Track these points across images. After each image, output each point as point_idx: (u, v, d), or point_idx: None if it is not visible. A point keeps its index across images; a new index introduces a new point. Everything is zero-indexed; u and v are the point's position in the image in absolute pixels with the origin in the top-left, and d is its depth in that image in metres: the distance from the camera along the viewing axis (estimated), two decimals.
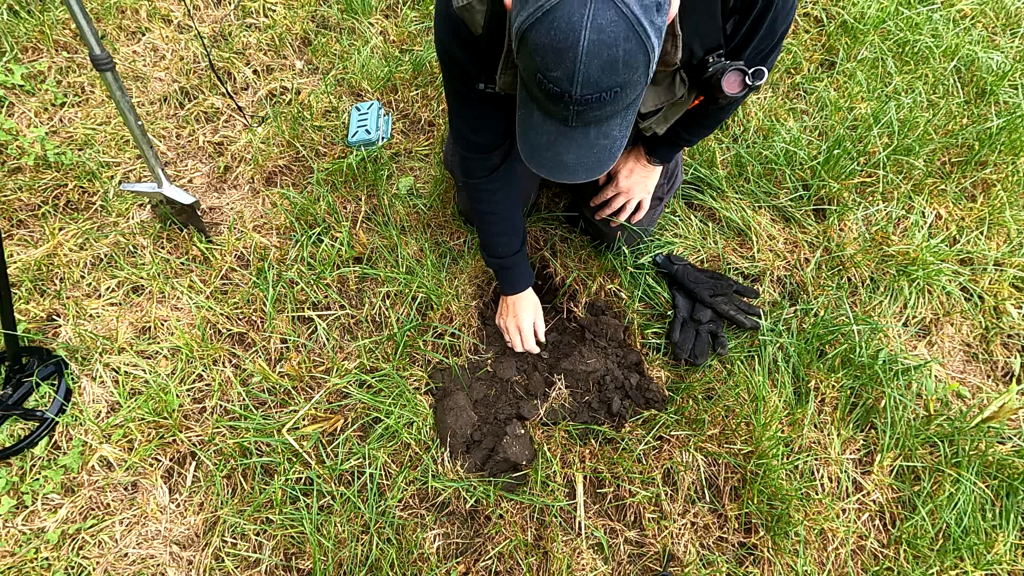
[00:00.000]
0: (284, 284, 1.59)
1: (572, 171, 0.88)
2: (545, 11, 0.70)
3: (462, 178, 1.37)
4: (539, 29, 0.71)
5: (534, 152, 0.89)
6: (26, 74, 1.96)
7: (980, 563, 1.28)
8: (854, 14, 2.18)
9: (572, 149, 0.85)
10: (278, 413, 1.43)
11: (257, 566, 1.29)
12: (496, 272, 1.50)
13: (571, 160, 0.86)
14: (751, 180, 1.79)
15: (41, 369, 1.44)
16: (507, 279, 1.49)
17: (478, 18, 0.95)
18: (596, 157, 0.86)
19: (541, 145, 0.87)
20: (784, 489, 1.32)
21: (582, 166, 0.88)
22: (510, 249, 1.44)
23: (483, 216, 1.41)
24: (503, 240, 1.43)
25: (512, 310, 1.51)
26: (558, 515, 1.32)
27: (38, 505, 1.33)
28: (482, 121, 1.21)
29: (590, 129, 0.81)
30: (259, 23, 2.16)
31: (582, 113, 0.77)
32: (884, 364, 1.47)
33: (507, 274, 1.48)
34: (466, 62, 1.04)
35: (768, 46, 1.05)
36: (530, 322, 1.50)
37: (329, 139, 1.91)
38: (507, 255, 1.44)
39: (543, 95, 0.77)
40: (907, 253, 1.66)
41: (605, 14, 0.68)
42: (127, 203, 1.75)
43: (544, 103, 0.79)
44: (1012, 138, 1.86)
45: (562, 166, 0.88)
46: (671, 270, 1.59)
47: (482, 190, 1.34)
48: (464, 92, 1.12)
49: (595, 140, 0.83)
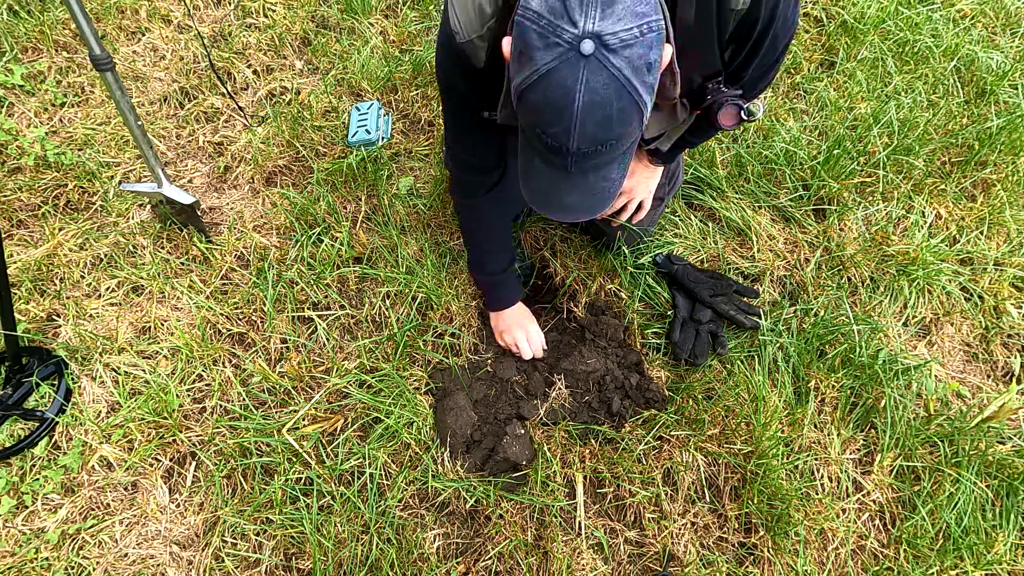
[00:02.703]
0: (284, 284, 1.59)
1: (574, 211, 0.92)
2: (541, 74, 0.74)
3: (457, 197, 1.40)
4: (536, 90, 0.75)
5: (536, 195, 0.92)
6: (26, 74, 1.96)
7: (980, 563, 1.28)
8: (854, 14, 2.18)
9: (573, 193, 0.88)
10: (278, 413, 1.43)
11: (257, 566, 1.29)
12: (485, 289, 1.54)
13: (572, 202, 0.90)
14: (751, 180, 1.79)
15: (41, 369, 1.44)
16: (495, 295, 1.52)
17: (480, 54, 0.97)
18: (596, 199, 0.90)
19: (543, 189, 0.90)
20: (784, 489, 1.32)
21: (583, 207, 0.91)
22: (500, 266, 1.46)
23: (475, 233, 1.45)
24: (493, 257, 1.46)
25: (504, 325, 1.53)
26: (558, 515, 1.32)
27: (38, 505, 1.33)
28: (480, 147, 1.23)
29: (588, 175, 0.85)
30: (259, 23, 2.16)
31: (580, 162, 0.80)
32: (884, 364, 1.47)
33: (495, 291, 1.51)
34: (469, 91, 1.06)
35: (770, 60, 1.05)
36: (521, 332, 1.51)
37: (329, 139, 1.91)
38: (497, 272, 1.47)
39: (543, 147, 0.81)
40: (907, 253, 1.66)
41: (597, 77, 0.72)
42: (127, 203, 1.75)
43: (544, 154, 0.82)
44: (1012, 138, 1.86)
45: (564, 207, 0.92)
46: (671, 270, 1.59)
47: (477, 208, 1.37)
48: (464, 119, 1.14)
49: (594, 184, 0.87)
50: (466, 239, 1.54)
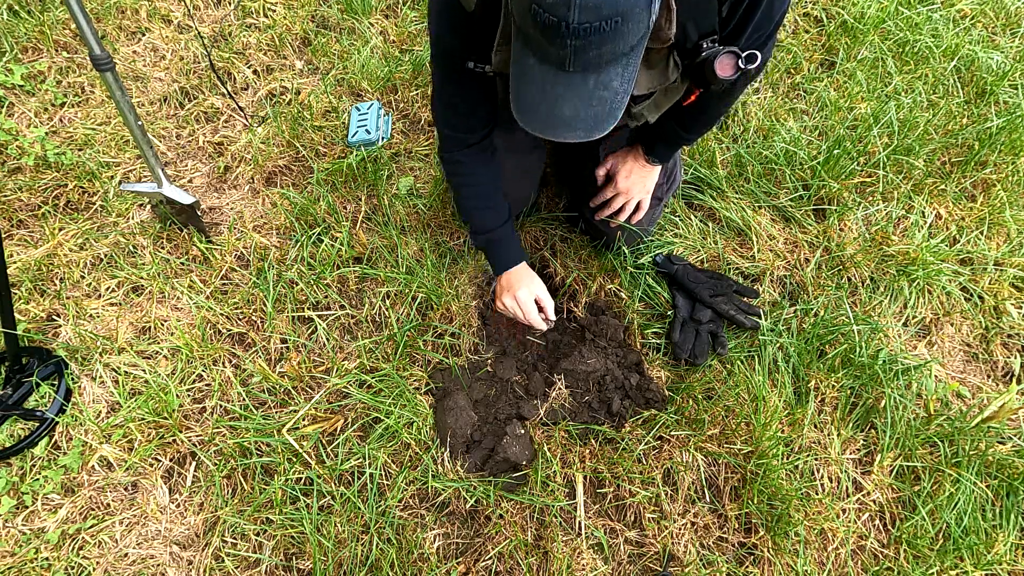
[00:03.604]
0: (284, 284, 1.59)
1: (570, 126, 0.84)
2: None
3: (442, 154, 1.34)
4: None
5: (529, 108, 0.84)
6: (26, 74, 1.96)
7: (980, 563, 1.28)
8: (854, 14, 2.18)
9: (569, 99, 0.81)
10: (278, 413, 1.43)
11: (257, 566, 1.29)
12: (485, 250, 1.44)
13: (569, 113, 0.82)
14: (751, 180, 1.79)
15: (41, 369, 1.44)
16: (497, 254, 1.42)
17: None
18: (595, 112, 0.82)
19: (536, 100, 0.83)
20: (784, 489, 1.32)
21: (581, 122, 0.83)
22: (495, 222, 1.38)
23: (461, 189, 1.37)
24: (486, 214, 1.38)
25: (508, 285, 1.42)
26: (558, 515, 1.32)
27: (38, 505, 1.33)
28: (467, 104, 1.20)
29: (589, 76, 0.78)
30: (259, 23, 2.16)
31: (580, 51, 0.73)
32: (884, 364, 1.47)
33: (496, 248, 1.41)
34: (456, 40, 1.03)
35: (765, 32, 1.03)
36: (530, 295, 1.40)
37: (329, 139, 1.91)
38: (493, 227, 1.38)
39: (538, 31, 0.73)
40: (907, 253, 1.66)
41: None
42: (127, 203, 1.75)
43: (540, 43, 0.75)
44: (1012, 138, 1.86)
45: (559, 121, 0.84)
46: (671, 270, 1.59)
47: (458, 162, 1.32)
48: (452, 72, 1.11)
49: (594, 91, 0.80)
50: (457, 201, 1.44)
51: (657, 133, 1.39)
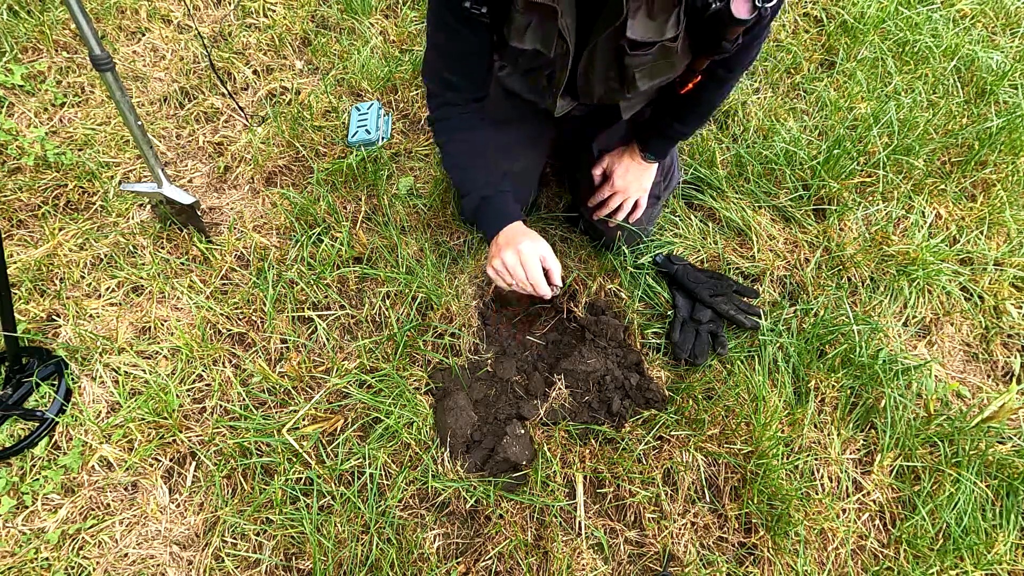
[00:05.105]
0: (284, 284, 1.59)
1: None
2: None
3: (430, 113, 1.29)
4: None
5: None
6: (26, 74, 1.96)
7: (980, 563, 1.28)
8: (854, 14, 2.18)
9: None
10: (278, 413, 1.43)
11: (257, 566, 1.29)
12: (477, 211, 1.29)
13: None
14: (751, 180, 1.79)
15: (41, 369, 1.44)
16: (491, 210, 1.25)
17: None
18: None
19: None
20: (784, 489, 1.32)
21: None
22: (486, 179, 1.28)
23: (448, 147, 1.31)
24: (477, 173, 1.28)
25: (507, 240, 1.23)
26: (558, 515, 1.32)
27: (38, 505, 1.33)
28: (459, 60, 1.17)
29: None
30: (259, 23, 2.16)
31: None
32: (884, 364, 1.47)
33: (489, 205, 1.25)
34: None
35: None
36: (534, 249, 1.21)
37: (329, 139, 1.91)
38: (485, 185, 1.27)
39: None
40: (907, 253, 1.66)
41: None
42: (127, 203, 1.75)
43: None
44: (1012, 138, 1.86)
45: None
46: (671, 270, 1.59)
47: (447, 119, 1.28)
48: (448, 20, 1.08)
49: None
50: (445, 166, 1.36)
51: (652, 128, 1.39)
